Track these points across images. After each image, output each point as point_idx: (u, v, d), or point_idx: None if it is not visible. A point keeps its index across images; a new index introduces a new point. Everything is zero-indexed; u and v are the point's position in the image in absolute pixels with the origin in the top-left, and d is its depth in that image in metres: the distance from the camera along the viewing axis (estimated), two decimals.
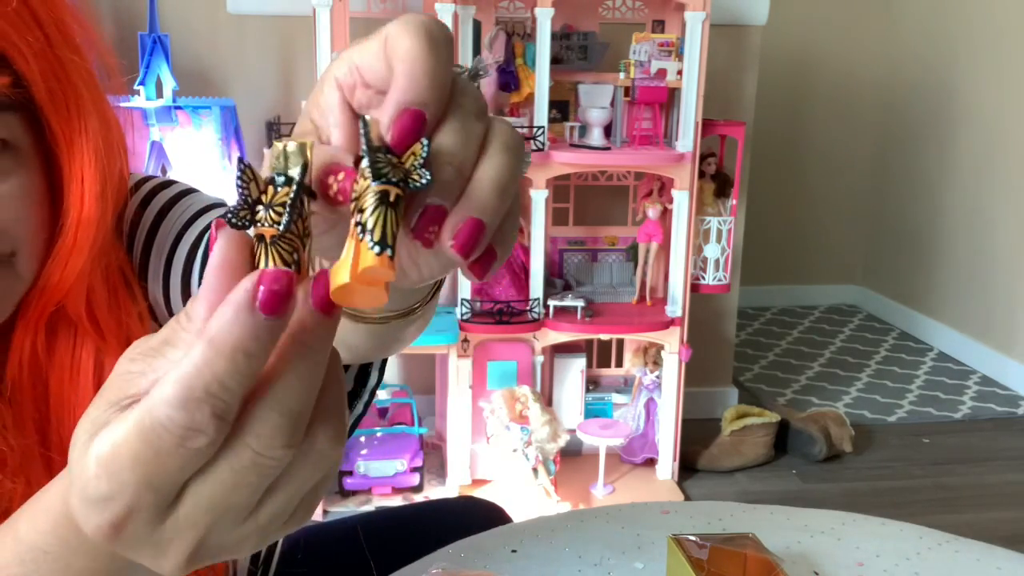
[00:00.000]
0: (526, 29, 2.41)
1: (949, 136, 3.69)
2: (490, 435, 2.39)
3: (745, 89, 2.77)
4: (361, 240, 0.33)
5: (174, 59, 2.24)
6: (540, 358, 2.42)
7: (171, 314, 0.73)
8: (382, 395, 2.54)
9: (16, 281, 0.61)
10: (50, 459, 0.64)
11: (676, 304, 2.41)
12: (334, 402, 0.36)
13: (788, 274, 4.29)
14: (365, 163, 0.34)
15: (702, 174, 2.46)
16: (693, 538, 0.78)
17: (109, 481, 0.34)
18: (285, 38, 2.52)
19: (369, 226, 0.33)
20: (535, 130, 2.24)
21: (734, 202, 2.52)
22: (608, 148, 2.34)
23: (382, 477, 2.35)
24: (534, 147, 2.25)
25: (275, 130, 2.25)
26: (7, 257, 0.60)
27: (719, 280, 2.52)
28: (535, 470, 2.33)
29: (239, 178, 0.34)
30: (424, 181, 0.34)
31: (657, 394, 2.55)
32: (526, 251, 2.43)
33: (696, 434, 2.67)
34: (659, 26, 2.48)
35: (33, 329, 0.63)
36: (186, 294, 0.72)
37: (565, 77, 2.45)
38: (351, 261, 0.33)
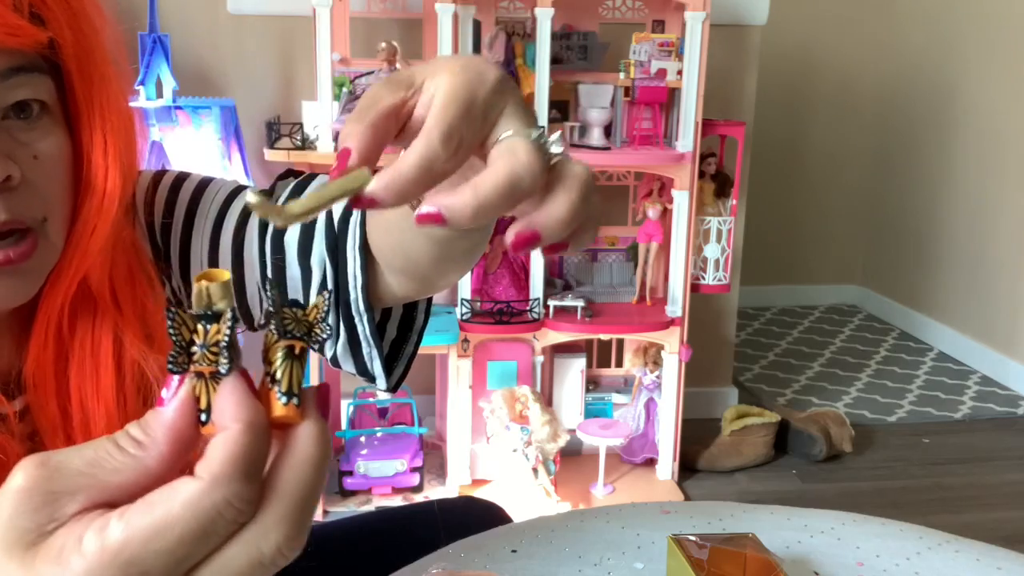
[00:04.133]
0: (526, 29, 2.41)
1: (949, 136, 3.69)
2: (490, 435, 2.39)
3: (745, 89, 2.77)
4: (271, 390, 0.36)
5: (174, 59, 2.24)
6: (540, 358, 2.42)
7: None
8: (382, 395, 2.54)
9: (50, 250, 0.62)
10: (70, 436, 0.65)
11: (676, 304, 2.41)
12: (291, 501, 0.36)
13: (788, 274, 4.29)
14: (272, 323, 0.37)
15: (702, 174, 2.46)
16: (693, 538, 0.78)
17: (126, 568, 0.33)
18: (285, 38, 2.52)
19: (278, 377, 0.36)
20: None
21: (734, 202, 2.52)
22: (608, 148, 2.34)
23: (382, 477, 2.35)
24: None
25: (275, 130, 2.24)
26: (40, 223, 0.60)
27: (719, 280, 2.52)
28: (535, 470, 2.33)
29: (170, 325, 0.36)
30: (325, 336, 0.38)
31: (657, 394, 2.55)
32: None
33: (696, 434, 2.67)
34: (659, 26, 2.48)
35: (59, 305, 0.64)
36: (238, 274, 0.74)
37: (565, 77, 2.45)
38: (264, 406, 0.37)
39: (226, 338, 0.36)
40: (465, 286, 2.36)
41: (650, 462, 2.59)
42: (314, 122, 2.22)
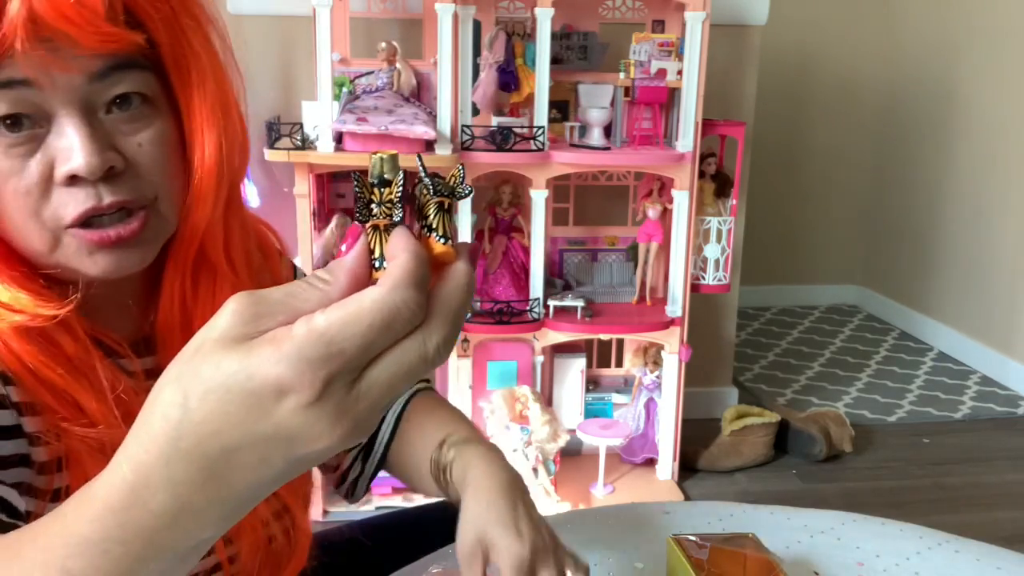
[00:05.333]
0: (526, 29, 2.41)
1: (949, 136, 3.69)
2: (490, 435, 2.39)
3: (745, 89, 2.77)
4: (429, 237, 0.45)
5: None
6: (540, 358, 2.42)
7: None
8: None
9: (162, 222, 0.69)
10: None
11: (676, 304, 2.41)
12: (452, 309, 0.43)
13: (788, 274, 4.29)
14: (425, 182, 0.45)
15: (702, 174, 2.46)
16: (693, 538, 0.78)
17: (330, 343, 0.39)
18: (285, 38, 2.52)
19: (434, 225, 0.45)
20: (535, 130, 2.24)
21: (734, 202, 2.52)
22: (608, 148, 2.34)
23: (382, 477, 2.35)
24: (534, 147, 2.25)
25: (275, 130, 2.24)
26: (151, 202, 0.67)
27: (719, 280, 2.52)
28: (535, 470, 2.33)
29: (356, 187, 0.45)
30: (466, 192, 0.46)
31: (657, 394, 2.55)
32: (526, 251, 2.43)
33: (696, 434, 2.67)
34: (659, 26, 2.48)
35: (181, 271, 0.72)
36: None
37: (565, 77, 2.45)
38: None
39: (398, 196, 0.44)
40: None
41: (650, 462, 2.59)
42: (314, 122, 2.22)
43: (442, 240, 0.45)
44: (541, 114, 2.24)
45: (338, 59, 2.36)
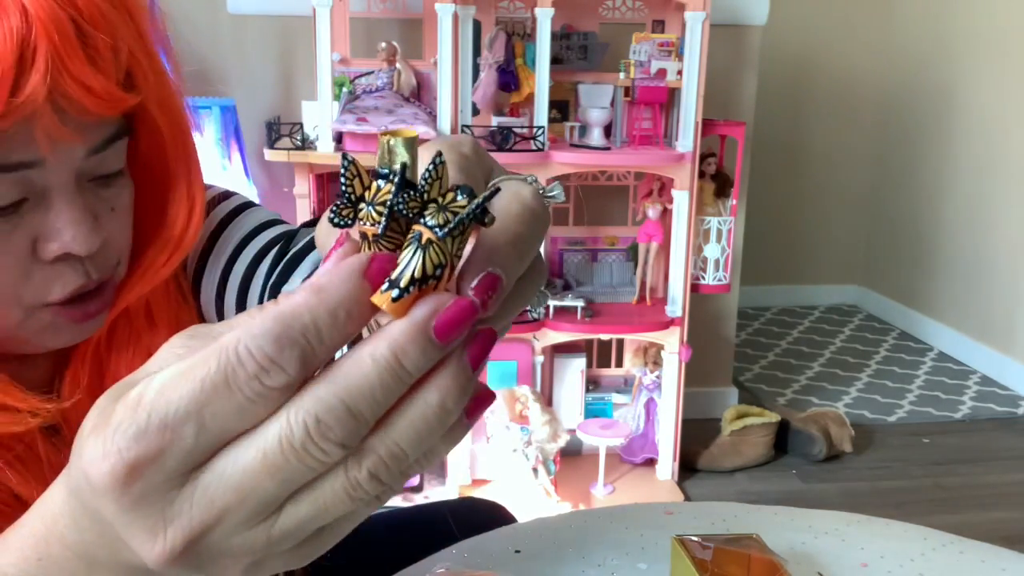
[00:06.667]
0: (526, 29, 2.41)
1: (949, 136, 3.69)
2: (490, 435, 2.39)
3: (745, 89, 2.77)
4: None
5: None
6: (540, 358, 2.42)
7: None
8: None
9: (115, 286, 0.65)
10: None
11: (676, 304, 2.41)
12: (407, 440, 0.33)
13: (788, 274, 4.29)
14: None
15: (702, 174, 2.46)
16: (696, 539, 0.78)
17: (150, 415, 0.32)
18: (285, 38, 2.51)
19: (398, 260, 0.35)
20: (535, 130, 2.24)
21: (734, 202, 2.52)
22: (608, 148, 2.33)
23: None
24: (534, 147, 2.24)
25: (275, 130, 2.24)
26: (114, 267, 0.63)
27: (719, 280, 2.52)
28: (535, 470, 2.33)
29: (343, 175, 0.33)
30: (486, 219, 0.34)
31: (657, 394, 2.55)
32: None
33: (696, 434, 2.67)
34: (659, 26, 2.48)
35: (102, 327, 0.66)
36: (241, 308, 0.75)
37: (565, 77, 2.45)
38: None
39: (390, 198, 0.33)
40: None
41: (650, 462, 2.59)
42: (314, 122, 2.22)
43: (385, 286, 0.33)
44: (541, 114, 2.24)
45: (338, 59, 2.36)
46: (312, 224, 0.79)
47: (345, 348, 0.34)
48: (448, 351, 0.33)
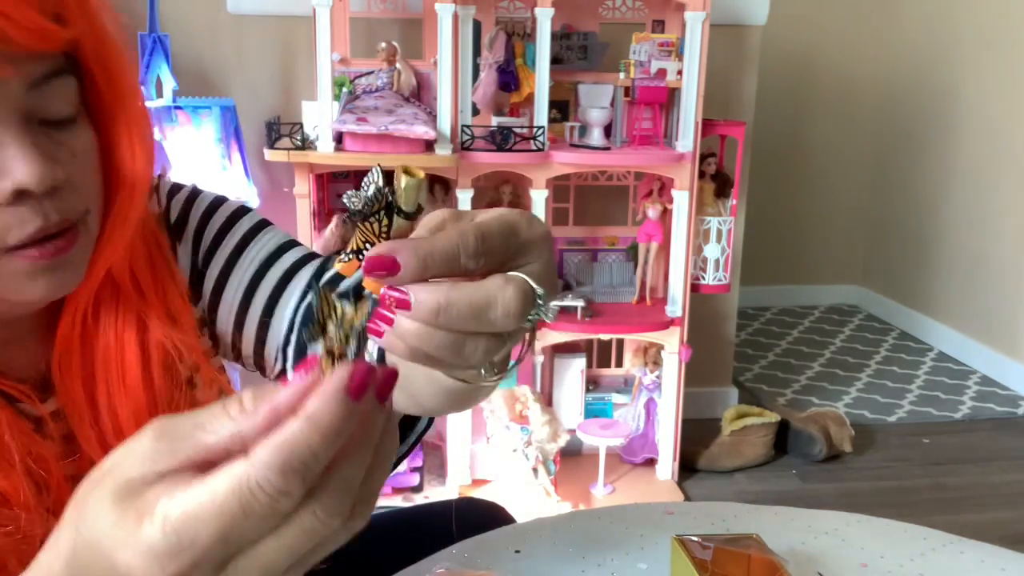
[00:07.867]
0: (526, 29, 2.41)
1: (949, 136, 3.69)
2: (490, 435, 2.39)
3: (745, 89, 2.77)
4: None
5: (174, 59, 2.24)
6: (540, 358, 2.42)
7: (213, 326, 0.80)
8: None
9: (90, 240, 0.64)
10: (99, 423, 0.66)
11: (676, 304, 2.41)
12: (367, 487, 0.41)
13: (788, 274, 4.29)
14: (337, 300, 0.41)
15: (702, 174, 2.46)
16: (697, 539, 0.78)
17: (180, 536, 0.37)
18: (285, 38, 2.51)
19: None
20: (535, 130, 2.24)
21: (734, 202, 2.52)
22: (608, 148, 2.33)
23: None
24: (534, 147, 2.24)
25: (275, 130, 2.24)
26: (83, 215, 0.62)
27: (719, 280, 2.52)
28: (535, 470, 2.33)
29: (314, 300, 0.39)
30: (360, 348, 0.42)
31: (657, 394, 2.54)
32: None
33: (696, 434, 2.67)
34: (659, 26, 2.48)
35: (86, 297, 0.66)
36: (263, 330, 0.77)
37: (565, 77, 2.45)
38: None
39: (363, 324, 0.39)
40: None
41: (650, 462, 2.59)
42: (314, 122, 2.22)
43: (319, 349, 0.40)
44: (541, 114, 2.24)
45: (338, 59, 2.35)
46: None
47: (353, 345, 0.41)
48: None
